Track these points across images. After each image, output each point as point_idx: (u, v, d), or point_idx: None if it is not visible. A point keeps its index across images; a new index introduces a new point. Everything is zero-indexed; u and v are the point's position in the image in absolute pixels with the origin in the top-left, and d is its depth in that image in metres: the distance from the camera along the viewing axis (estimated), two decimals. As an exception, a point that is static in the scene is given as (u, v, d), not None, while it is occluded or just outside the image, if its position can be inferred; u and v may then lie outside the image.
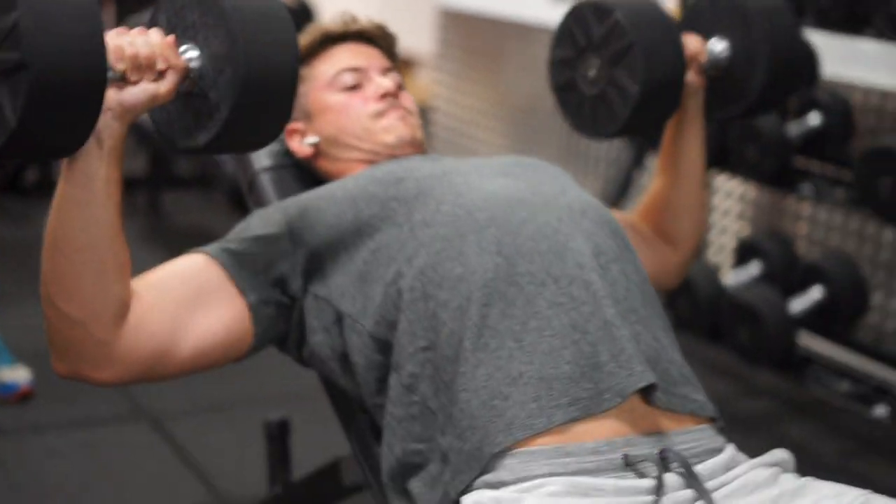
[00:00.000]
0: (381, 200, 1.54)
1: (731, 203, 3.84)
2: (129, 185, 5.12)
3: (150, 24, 1.39)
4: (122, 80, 1.31)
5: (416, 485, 1.43)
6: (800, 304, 2.95)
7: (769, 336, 2.88)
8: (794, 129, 3.03)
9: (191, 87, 1.36)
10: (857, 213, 3.31)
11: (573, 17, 1.73)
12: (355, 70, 1.75)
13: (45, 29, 1.18)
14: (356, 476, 1.81)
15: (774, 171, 3.04)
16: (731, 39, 1.79)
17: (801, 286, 3.00)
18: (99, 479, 2.66)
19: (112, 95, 1.30)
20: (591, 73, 1.71)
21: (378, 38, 1.82)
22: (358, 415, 1.58)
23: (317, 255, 1.54)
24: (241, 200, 4.01)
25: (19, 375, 3.01)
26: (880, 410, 2.82)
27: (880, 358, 2.93)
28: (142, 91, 1.32)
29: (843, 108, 3.01)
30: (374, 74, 1.76)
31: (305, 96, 1.75)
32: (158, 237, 4.50)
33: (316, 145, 1.74)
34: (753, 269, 3.17)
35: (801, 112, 3.07)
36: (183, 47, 1.36)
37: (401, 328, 1.44)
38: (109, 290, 1.37)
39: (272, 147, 1.82)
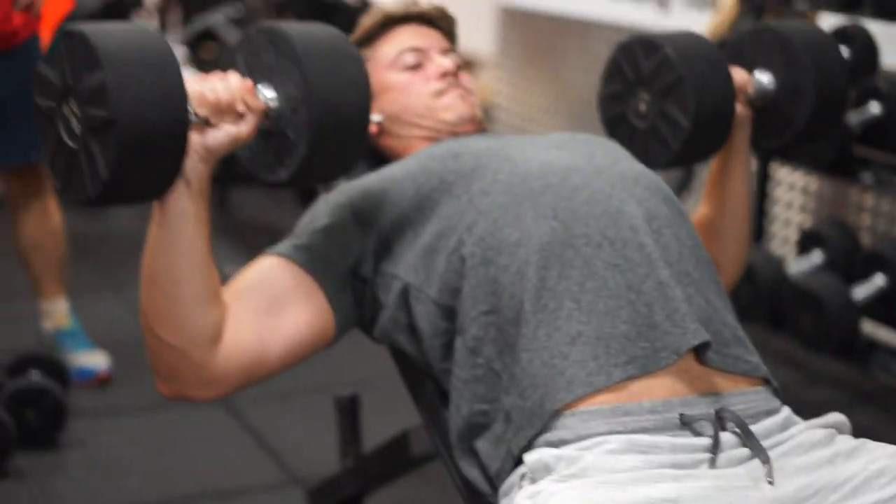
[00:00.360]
0: (439, 175, 1.60)
1: (793, 195, 3.85)
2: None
3: (228, 66, 1.47)
4: (206, 124, 1.38)
5: (481, 444, 1.49)
6: (862, 291, 2.97)
7: (832, 323, 2.90)
8: (854, 118, 3.05)
9: (270, 127, 1.44)
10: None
11: (622, 52, 1.79)
12: (416, 50, 1.82)
13: (130, 86, 1.26)
14: (425, 446, 1.88)
15: (835, 160, 3.06)
16: (776, 71, 1.82)
17: (864, 274, 3.02)
18: (174, 460, 2.76)
19: (196, 139, 1.37)
20: (642, 106, 1.76)
21: (438, 20, 1.89)
22: (426, 382, 1.65)
23: (384, 235, 1.60)
24: (305, 194, 4.09)
25: (97, 360, 3.12)
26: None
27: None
28: (224, 134, 1.39)
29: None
30: (434, 55, 1.82)
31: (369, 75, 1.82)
32: (228, 232, 4.60)
33: (380, 124, 1.81)
34: (816, 257, 3.19)
35: (862, 101, 3.09)
36: (260, 88, 1.43)
37: (464, 294, 1.50)
38: (205, 317, 1.44)
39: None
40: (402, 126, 1.79)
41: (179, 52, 5.69)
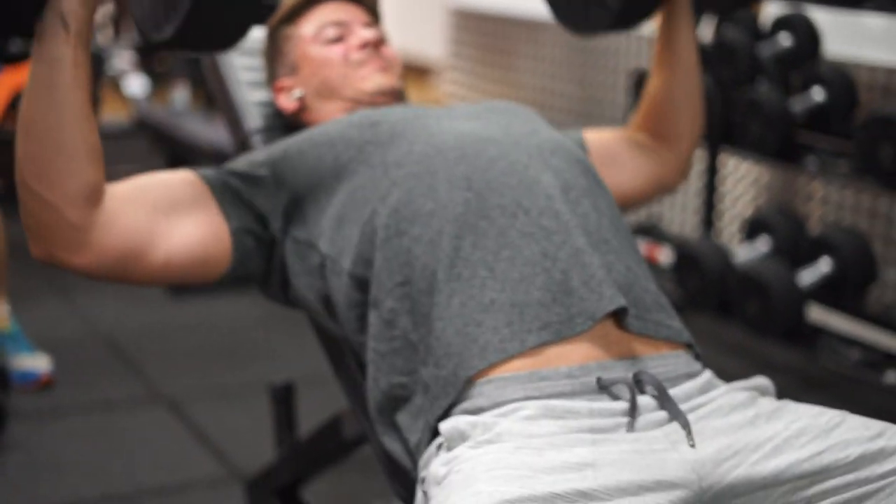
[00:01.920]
0: (357, 144, 1.58)
1: (742, 185, 3.86)
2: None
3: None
4: None
5: (402, 417, 1.46)
6: (808, 276, 2.97)
7: (778, 308, 2.90)
8: (797, 104, 3.06)
9: None
10: (867, 192, 3.33)
11: None
12: (338, 24, 1.81)
13: None
14: (357, 429, 1.85)
15: (779, 147, 3.06)
16: None
17: (809, 260, 3.02)
18: (117, 458, 2.72)
19: None
20: None
21: None
22: (346, 357, 1.62)
23: (298, 197, 1.59)
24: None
25: (39, 363, 3.08)
26: (892, 377, 2.83)
27: (890, 327, 2.95)
28: None
29: (845, 82, 3.04)
30: (356, 27, 1.81)
31: (292, 52, 1.81)
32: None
33: (301, 98, 1.79)
34: (762, 244, 3.19)
35: (805, 88, 3.10)
36: None
37: (377, 265, 1.48)
38: (80, 173, 1.41)
39: (262, 110, 1.87)
40: (323, 99, 1.78)
41: (131, 58, 5.67)
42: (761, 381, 1.50)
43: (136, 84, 5.52)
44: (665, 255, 3.68)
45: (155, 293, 3.93)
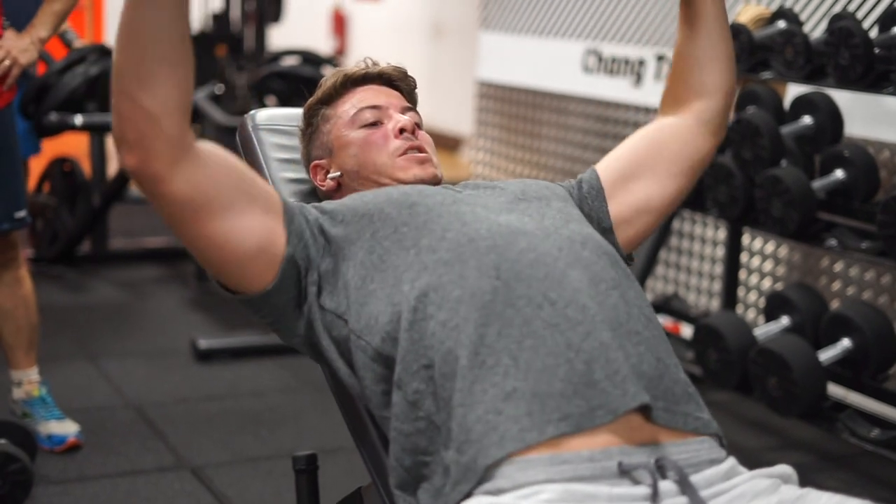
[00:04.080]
0: (394, 224, 1.62)
1: (764, 263, 3.88)
2: (178, 256, 5.27)
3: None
4: None
5: (422, 495, 1.49)
6: (828, 354, 2.99)
7: (799, 386, 2.91)
8: (819, 184, 3.10)
9: None
10: (891, 271, 3.35)
11: None
12: (375, 108, 1.85)
13: None
14: (378, 502, 1.87)
15: (800, 226, 3.09)
16: None
17: (831, 336, 3.04)
18: (140, 525, 2.74)
19: None
20: None
21: (398, 81, 1.92)
22: (370, 430, 1.65)
23: (335, 262, 1.63)
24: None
25: (67, 428, 3.11)
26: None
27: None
28: None
29: (867, 162, 3.08)
30: (393, 112, 1.85)
31: (328, 134, 1.85)
32: (206, 304, 4.60)
33: (338, 179, 1.84)
34: (783, 321, 3.21)
35: (826, 168, 3.14)
36: None
37: (403, 346, 1.51)
38: (180, 83, 1.47)
39: (299, 187, 1.92)
40: (361, 182, 1.81)
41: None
42: (784, 468, 1.51)
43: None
44: (687, 330, 3.70)
45: (183, 359, 3.97)
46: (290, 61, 5.28)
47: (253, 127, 2.00)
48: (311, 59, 5.18)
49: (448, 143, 8.54)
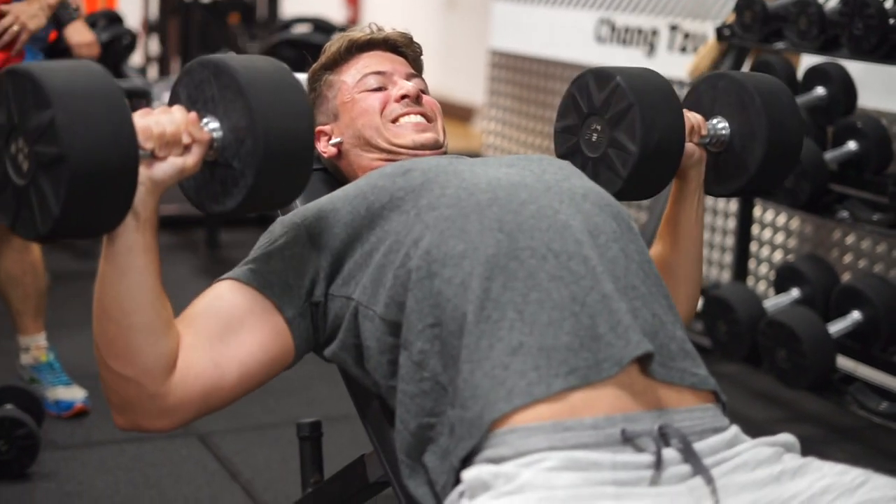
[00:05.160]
0: (389, 191, 1.60)
1: (775, 234, 3.86)
2: (188, 223, 5.27)
3: (171, 102, 1.50)
4: (153, 157, 1.40)
5: (429, 458, 1.47)
6: (838, 326, 2.97)
7: (808, 358, 2.90)
8: (831, 156, 3.07)
9: (215, 157, 1.46)
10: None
11: (576, 85, 1.80)
12: (380, 74, 1.83)
13: (79, 122, 1.27)
14: (380, 471, 1.86)
15: (812, 197, 3.07)
16: (731, 118, 1.81)
17: (841, 310, 3.02)
18: (146, 490, 2.75)
19: (144, 171, 1.39)
20: (594, 136, 1.77)
21: (403, 46, 1.90)
22: (372, 402, 1.64)
23: (337, 255, 1.60)
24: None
25: (75, 394, 3.12)
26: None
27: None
28: (170, 166, 1.42)
29: (880, 134, 3.05)
30: (397, 78, 1.84)
31: (333, 99, 1.84)
32: (216, 272, 4.61)
33: (339, 145, 1.82)
34: (793, 293, 3.19)
35: (839, 139, 3.11)
36: (205, 120, 1.45)
37: (409, 307, 1.50)
38: (158, 348, 1.44)
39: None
40: (360, 149, 1.80)
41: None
42: (787, 437, 1.50)
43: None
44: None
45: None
46: (301, 29, 5.26)
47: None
48: (323, 27, 5.16)
49: (461, 114, 8.50)
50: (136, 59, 7.34)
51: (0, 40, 2.85)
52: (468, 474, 1.36)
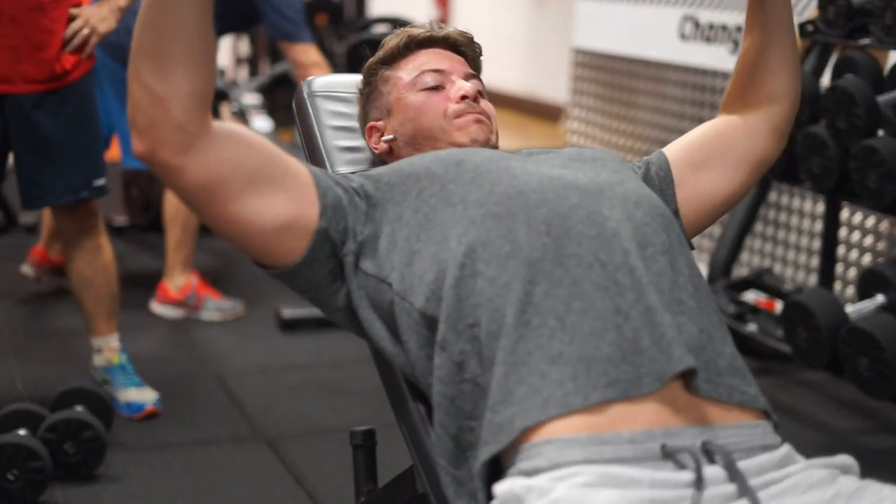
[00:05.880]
0: (441, 181, 1.56)
1: (868, 239, 3.74)
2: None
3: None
4: None
5: (475, 466, 1.42)
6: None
7: (891, 366, 2.78)
8: (918, 155, 2.95)
9: None
10: None
11: None
12: (438, 72, 1.79)
13: None
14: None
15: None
16: None
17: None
18: (210, 494, 2.74)
19: None
20: None
21: (463, 46, 1.86)
22: (409, 402, 1.62)
23: (380, 228, 1.58)
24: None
25: (146, 396, 3.13)
26: None
27: None
28: None
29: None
30: (455, 78, 1.79)
31: (388, 95, 1.81)
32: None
33: (391, 142, 1.79)
34: (878, 299, 3.08)
35: (928, 138, 2.99)
36: None
37: (449, 305, 1.45)
38: (194, 75, 1.42)
39: (353, 156, 1.88)
40: (415, 146, 1.76)
41: (255, 98, 5.79)
42: (844, 458, 1.43)
43: (261, 121, 5.64)
44: (780, 306, 3.58)
45: (266, 328, 3.98)
46: (381, 28, 5.25)
47: (308, 93, 1.96)
48: (401, 26, 5.14)
49: (549, 113, 8.42)
50: (223, 59, 7.44)
51: (70, 44, 2.87)
52: (501, 488, 1.31)
